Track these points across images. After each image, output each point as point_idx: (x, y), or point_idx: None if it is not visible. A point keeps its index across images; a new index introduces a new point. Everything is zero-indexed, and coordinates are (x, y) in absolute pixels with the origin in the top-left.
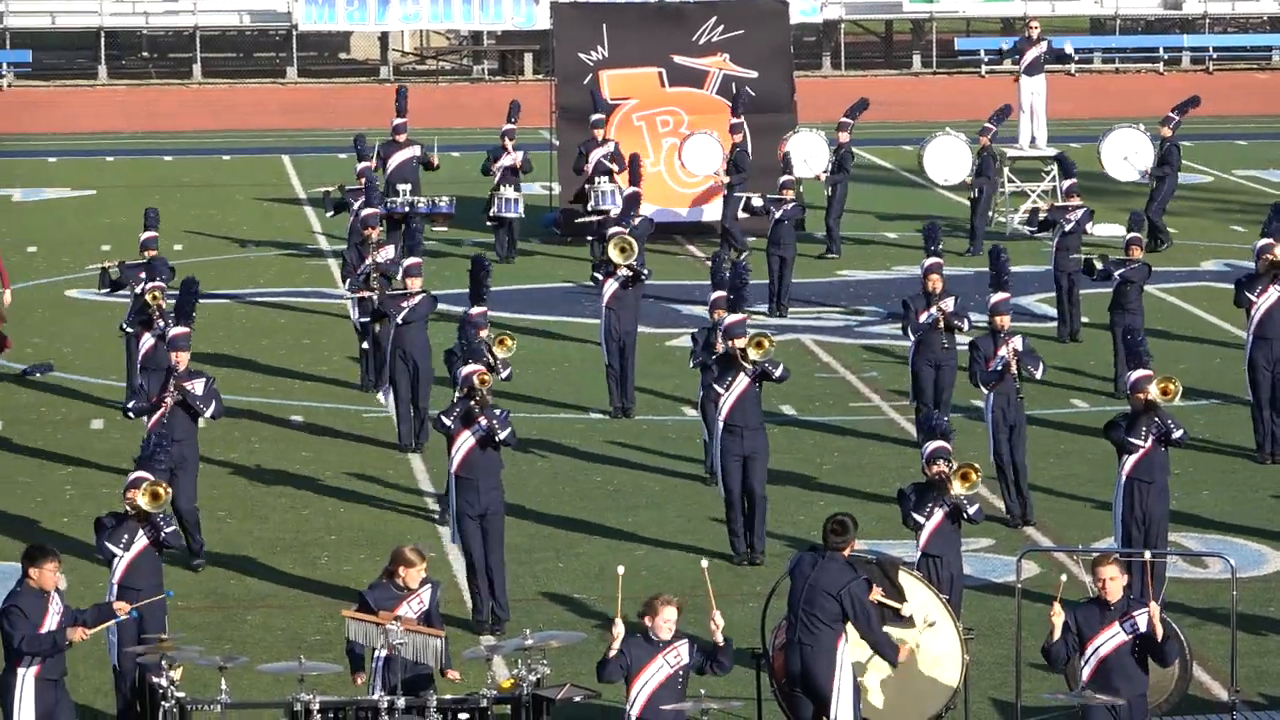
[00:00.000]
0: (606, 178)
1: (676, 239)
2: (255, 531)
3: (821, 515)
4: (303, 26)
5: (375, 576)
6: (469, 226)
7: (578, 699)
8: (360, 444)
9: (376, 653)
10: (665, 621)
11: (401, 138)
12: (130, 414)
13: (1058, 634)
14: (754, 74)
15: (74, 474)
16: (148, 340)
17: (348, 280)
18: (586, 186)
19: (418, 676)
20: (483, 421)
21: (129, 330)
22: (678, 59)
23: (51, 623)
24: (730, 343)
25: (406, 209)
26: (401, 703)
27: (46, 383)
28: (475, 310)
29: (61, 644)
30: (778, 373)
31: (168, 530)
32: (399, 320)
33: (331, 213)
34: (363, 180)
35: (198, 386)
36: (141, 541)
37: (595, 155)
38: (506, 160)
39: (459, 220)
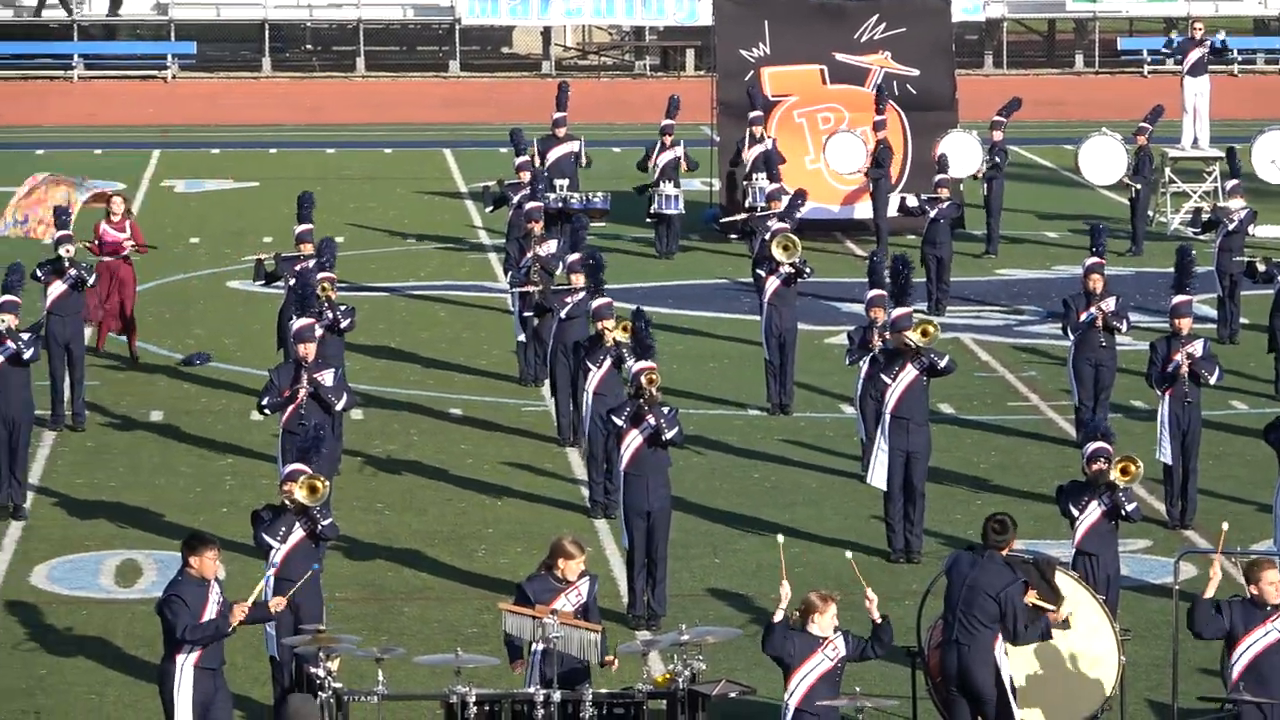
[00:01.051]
0: (763, 174)
1: (836, 236)
2: (413, 524)
3: (979, 514)
4: (465, 21)
5: (532, 569)
6: (626, 221)
7: (733, 694)
8: (519, 437)
9: (533, 646)
10: (821, 618)
11: (561, 132)
12: (265, 410)
13: (1211, 590)
14: (915, 72)
15: (234, 464)
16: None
17: (509, 274)
18: (744, 183)
19: (574, 670)
20: (651, 420)
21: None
22: (839, 56)
23: (212, 612)
24: (898, 335)
25: (561, 204)
26: (557, 696)
27: (207, 374)
28: (599, 302)
29: (224, 629)
30: (943, 363)
31: (325, 523)
32: (562, 315)
33: (491, 207)
34: (522, 174)
35: (327, 378)
36: (298, 534)
37: (752, 152)
38: (666, 156)
39: (616, 215)
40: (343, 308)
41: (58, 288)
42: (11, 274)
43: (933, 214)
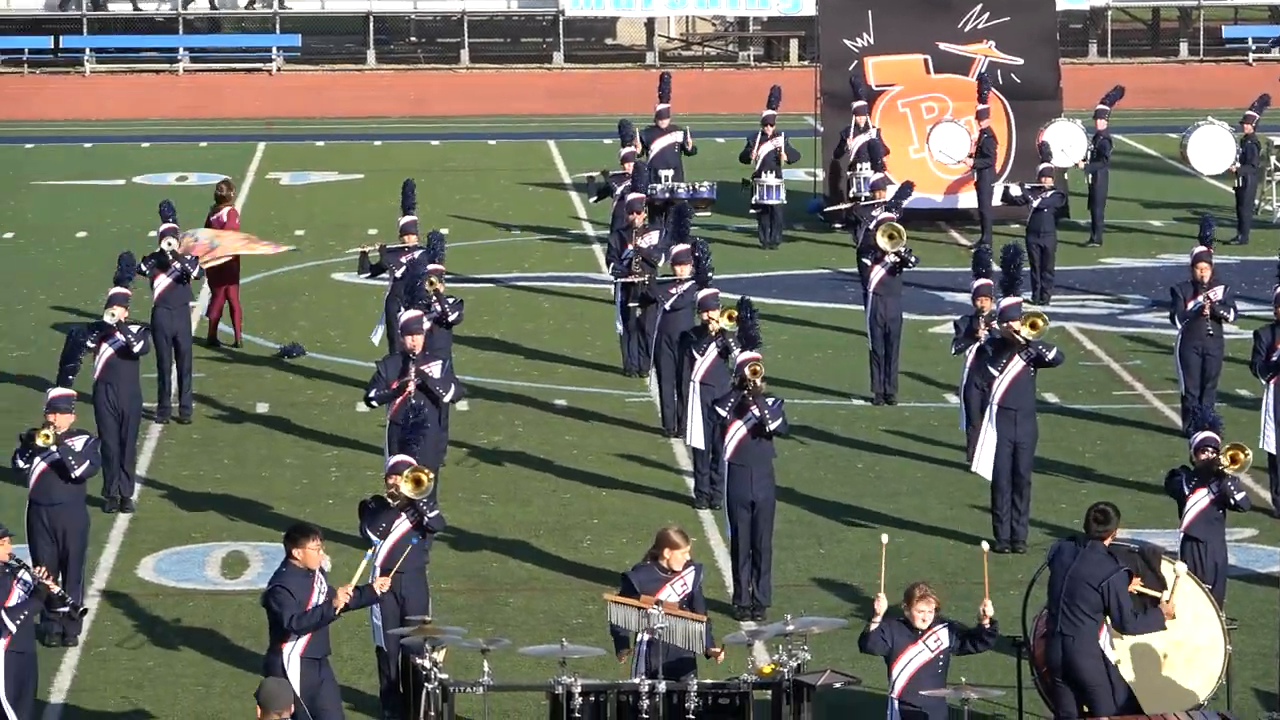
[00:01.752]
0: (868, 164)
1: (940, 225)
2: (518, 515)
3: (1083, 503)
4: (570, 12)
5: (637, 560)
6: (730, 212)
7: (838, 685)
8: (623, 428)
9: (639, 636)
10: (922, 612)
11: (664, 123)
12: (373, 403)
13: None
14: (1020, 61)
15: (339, 456)
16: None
17: (611, 265)
18: (848, 173)
19: (680, 660)
20: (755, 411)
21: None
22: (943, 46)
23: (317, 602)
24: (1006, 325)
25: (667, 195)
26: (663, 687)
27: (312, 365)
28: (706, 293)
29: (329, 615)
30: (1051, 355)
31: (431, 515)
32: (667, 307)
33: (595, 198)
34: (627, 165)
35: (435, 370)
36: (403, 526)
37: (856, 141)
38: (767, 147)
39: (719, 206)
40: (450, 300)
41: (163, 281)
42: (121, 267)
43: (1036, 203)
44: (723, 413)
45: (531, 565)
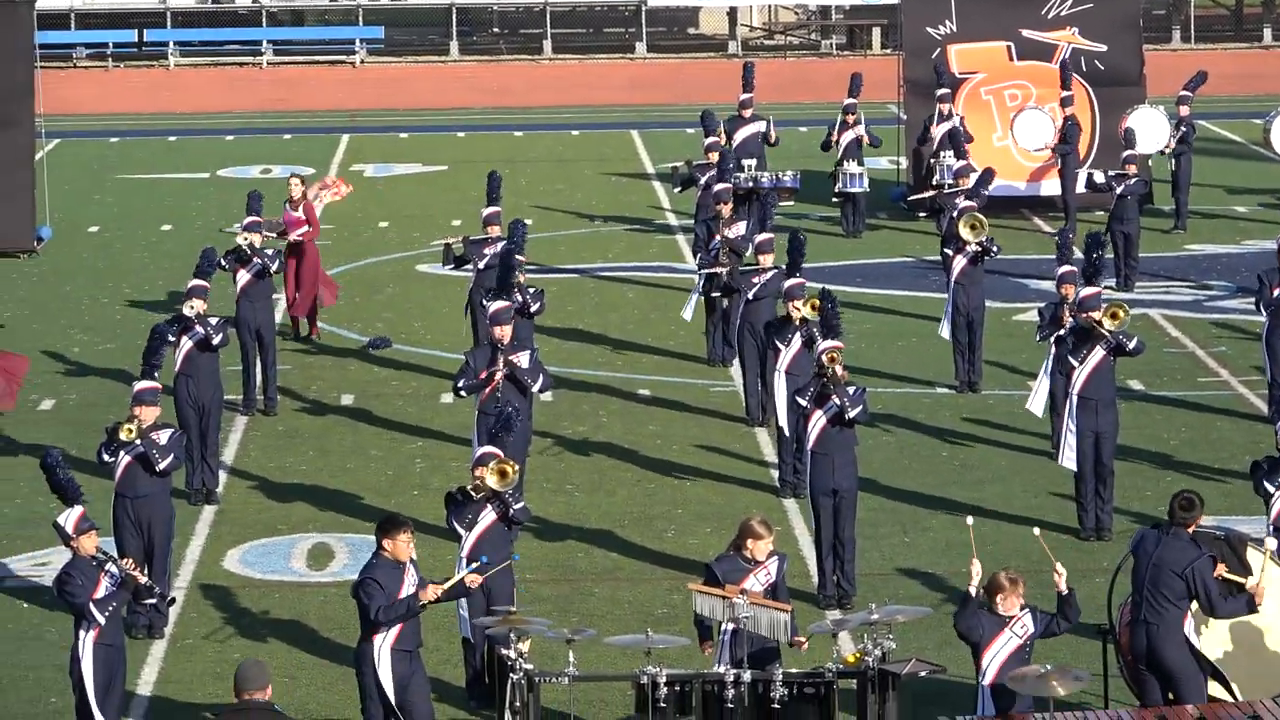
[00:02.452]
0: (951, 152)
1: (1023, 213)
2: (602, 505)
3: (1168, 491)
4: (652, 3)
5: (721, 550)
6: (813, 201)
7: (923, 673)
8: (707, 417)
9: (723, 625)
10: (1008, 601)
11: (748, 113)
12: (461, 393)
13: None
14: (1103, 47)
15: (424, 447)
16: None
17: (698, 255)
18: (931, 161)
19: (764, 650)
20: (835, 400)
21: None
22: (1026, 33)
23: (407, 594)
24: (1086, 315)
25: (750, 184)
26: (748, 676)
27: (396, 357)
28: (792, 282)
29: (415, 607)
30: (1132, 345)
31: (516, 507)
32: (749, 296)
33: (679, 188)
34: (711, 155)
35: (524, 359)
36: (489, 517)
37: (939, 129)
38: (848, 135)
39: (802, 195)
40: (532, 290)
41: (244, 275)
42: (201, 261)
43: (1120, 190)
44: (803, 402)
45: (616, 555)
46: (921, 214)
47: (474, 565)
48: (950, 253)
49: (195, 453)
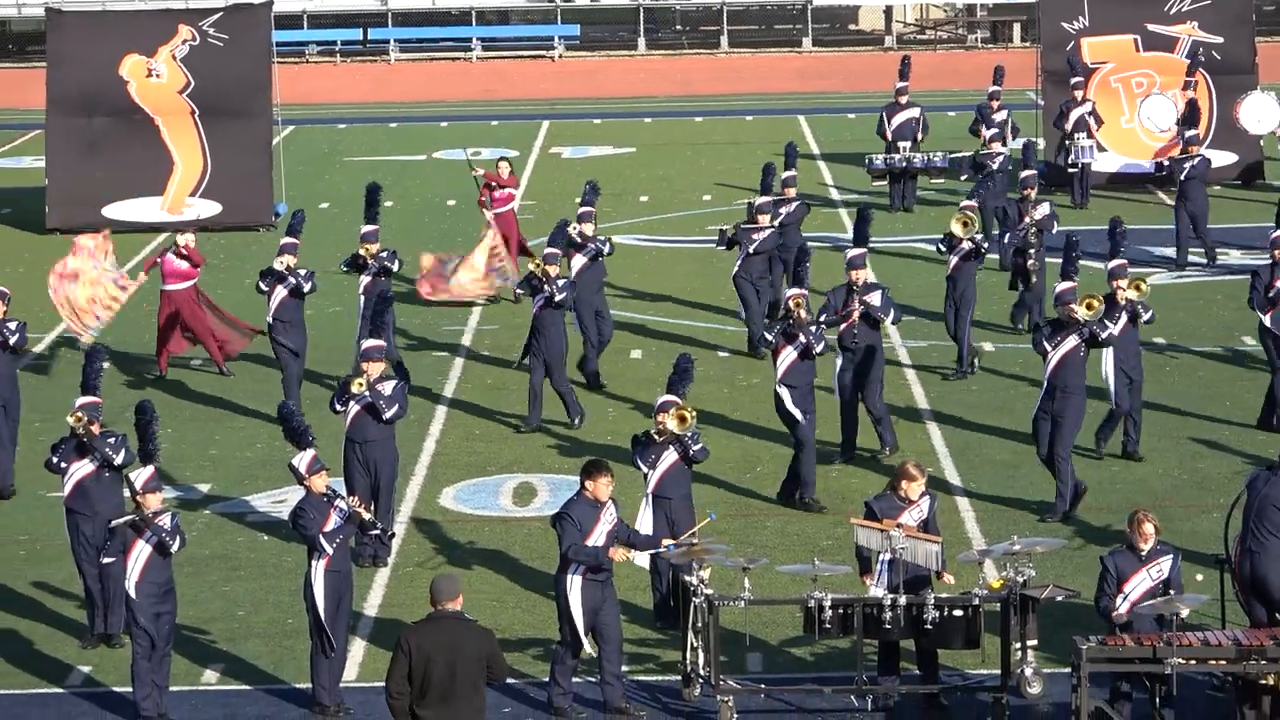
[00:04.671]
0: (1084, 134)
1: (1148, 188)
2: (778, 449)
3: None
4: (817, 1)
5: (878, 489)
6: (961, 179)
7: (1059, 598)
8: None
9: (881, 556)
10: (1147, 539)
11: (903, 99)
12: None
13: None
14: (1219, 39)
15: (615, 396)
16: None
17: (1006, 235)
18: (1066, 142)
19: (917, 578)
20: (801, 337)
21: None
22: (1151, 26)
23: (602, 531)
24: (1063, 307)
25: (904, 165)
26: (903, 600)
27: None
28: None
29: (604, 562)
30: (1104, 335)
31: (695, 449)
32: (749, 250)
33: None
34: (789, 190)
35: (875, 298)
36: (671, 458)
37: (1075, 114)
38: (995, 120)
39: (951, 175)
40: (560, 282)
41: (280, 292)
42: (293, 220)
43: (1186, 172)
44: (770, 338)
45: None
46: (1053, 189)
47: (670, 543)
48: (943, 249)
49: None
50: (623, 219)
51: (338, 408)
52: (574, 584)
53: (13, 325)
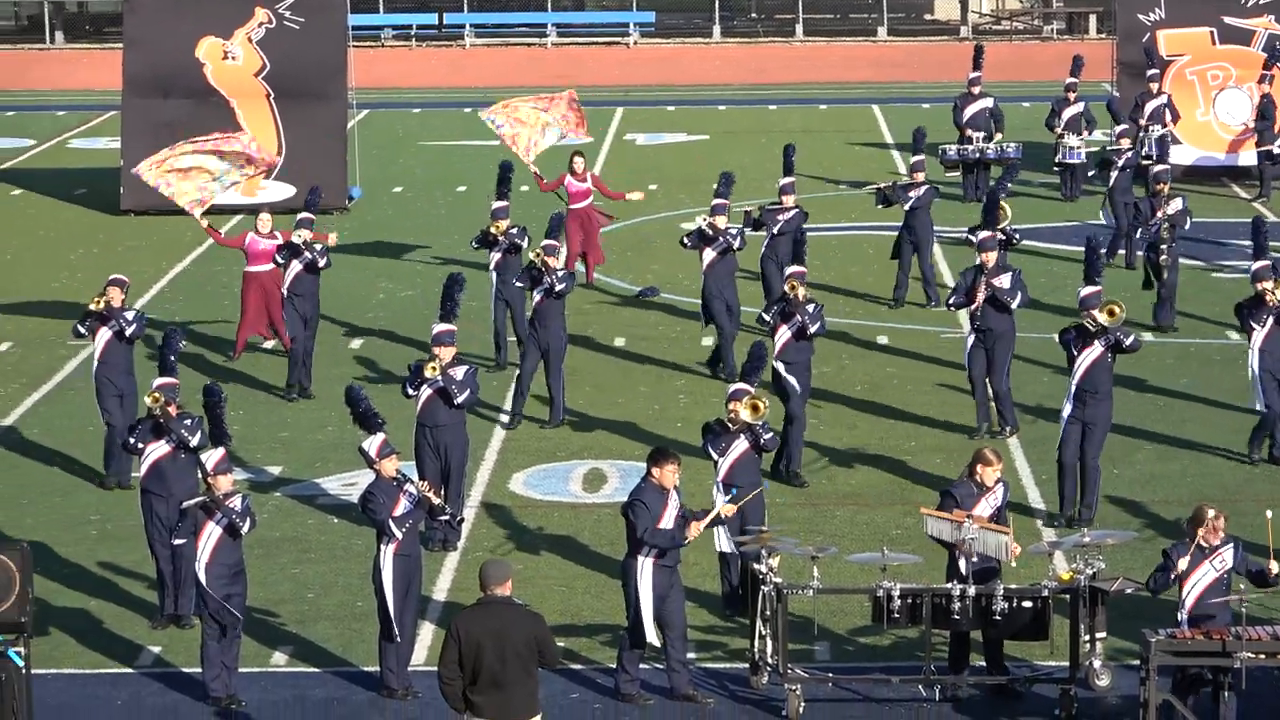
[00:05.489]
0: (1159, 125)
1: (1223, 180)
2: (845, 437)
3: None
4: None
5: (948, 477)
6: (1035, 169)
7: (1129, 590)
8: (935, 365)
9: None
10: (1210, 534)
11: (976, 90)
12: (951, 306)
13: None
14: None
15: (687, 384)
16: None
17: (1140, 232)
18: (1140, 134)
19: (986, 569)
20: (798, 317)
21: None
22: (1227, 19)
23: (670, 515)
24: (1085, 312)
25: (977, 155)
26: (972, 591)
27: (663, 304)
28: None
29: (679, 540)
30: (1129, 341)
31: (766, 437)
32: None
33: (882, 205)
34: (917, 175)
35: (1005, 280)
36: (741, 446)
37: (1150, 106)
38: (1070, 111)
39: (1026, 164)
40: (559, 272)
41: (295, 267)
42: (310, 195)
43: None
44: (768, 318)
45: (856, 482)
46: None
47: (728, 497)
48: (973, 239)
49: (300, 359)
50: (695, 206)
51: (410, 392)
52: (644, 570)
53: (129, 315)
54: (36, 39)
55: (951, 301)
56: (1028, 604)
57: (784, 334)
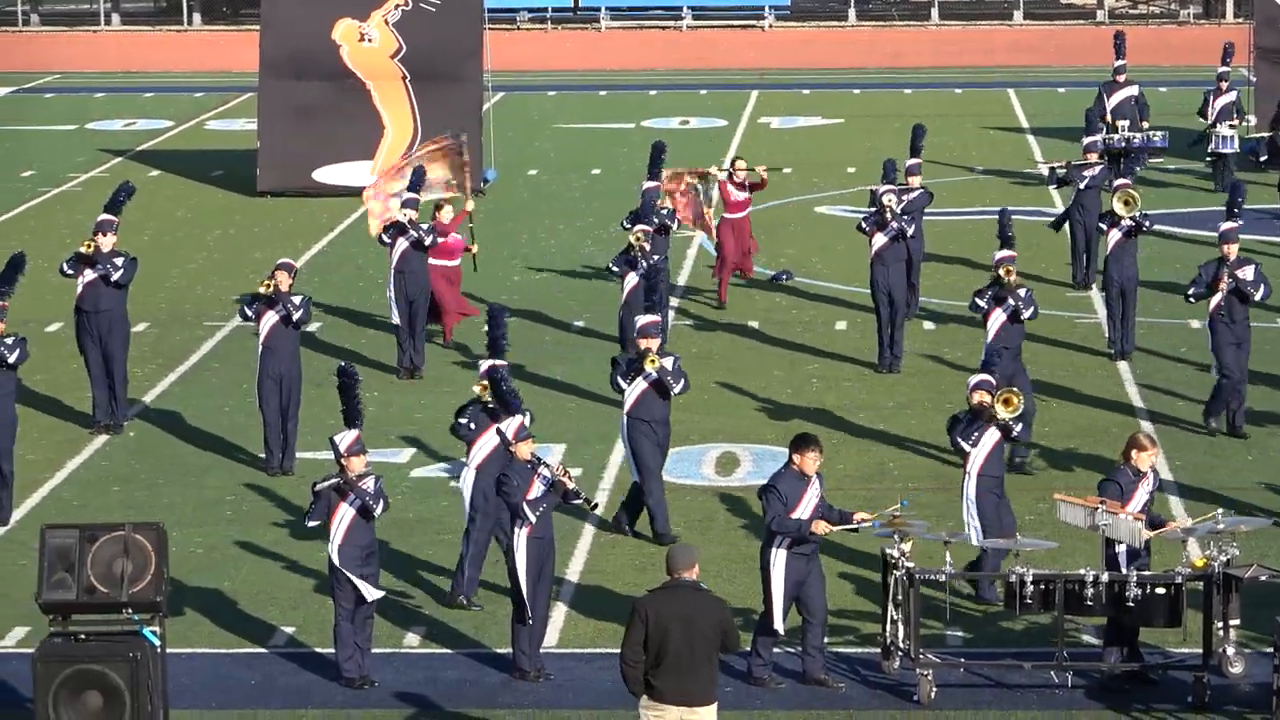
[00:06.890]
0: (1227, 124)
1: None
2: None
3: None
4: None
5: (1080, 464)
6: (1187, 156)
7: (1264, 578)
8: (1071, 351)
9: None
10: None
11: (1121, 78)
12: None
13: None
14: None
15: (819, 369)
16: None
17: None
18: (1208, 130)
19: (1140, 562)
20: (1010, 300)
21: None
22: None
23: (808, 505)
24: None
25: (1124, 144)
26: (1105, 576)
27: (797, 288)
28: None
29: (804, 533)
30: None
31: (1017, 430)
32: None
33: (1055, 185)
34: (1089, 155)
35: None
36: (994, 437)
37: None
38: (1222, 100)
39: (1178, 151)
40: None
41: (402, 244)
42: (414, 177)
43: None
44: (982, 303)
45: None
46: (1264, 167)
47: (895, 507)
48: (1105, 226)
49: (406, 340)
50: (830, 189)
51: (621, 385)
52: (778, 557)
53: (297, 300)
54: (175, 21)
55: (1191, 293)
56: (1161, 590)
57: (998, 318)
